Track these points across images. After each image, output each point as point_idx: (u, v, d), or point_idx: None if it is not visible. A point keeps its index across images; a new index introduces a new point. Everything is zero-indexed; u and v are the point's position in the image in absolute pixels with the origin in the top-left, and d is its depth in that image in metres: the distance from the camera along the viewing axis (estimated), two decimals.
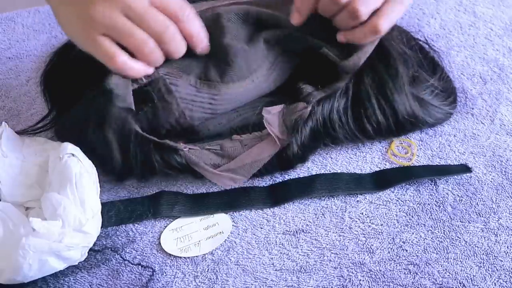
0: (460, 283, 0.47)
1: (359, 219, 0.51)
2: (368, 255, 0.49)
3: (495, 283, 0.47)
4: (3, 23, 0.73)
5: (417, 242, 0.50)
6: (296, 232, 0.51)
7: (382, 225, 0.51)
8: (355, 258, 0.49)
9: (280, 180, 0.54)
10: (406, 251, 0.49)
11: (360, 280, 0.48)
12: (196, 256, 0.50)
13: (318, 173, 0.55)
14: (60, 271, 0.47)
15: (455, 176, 0.54)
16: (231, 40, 0.53)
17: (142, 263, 0.49)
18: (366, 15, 0.50)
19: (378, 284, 0.47)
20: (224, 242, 0.50)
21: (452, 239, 0.50)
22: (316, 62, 0.55)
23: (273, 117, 0.53)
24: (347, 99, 0.54)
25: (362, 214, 0.52)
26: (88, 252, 0.47)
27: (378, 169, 0.55)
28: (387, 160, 0.56)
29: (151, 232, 0.51)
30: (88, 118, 0.52)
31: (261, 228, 0.51)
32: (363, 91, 0.54)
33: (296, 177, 0.55)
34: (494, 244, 0.49)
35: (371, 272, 0.48)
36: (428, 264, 0.48)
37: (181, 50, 0.51)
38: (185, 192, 0.54)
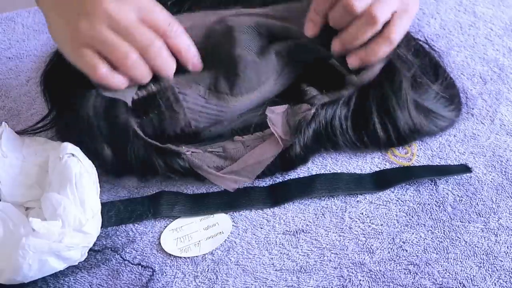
0: (460, 283, 0.47)
1: (359, 219, 0.51)
2: (368, 255, 0.49)
3: (495, 283, 0.47)
4: (3, 23, 0.73)
5: (417, 242, 0.50)
6: (296, 232, 0.51)
7: (382, 225, 0.51)
8: (355, 258, 0.49)
9: (280, 180, 0.54)
10: (406, 251, 0.49)
11: (360, 280, 0.48)
12: (196, 256, 0.50)
13: (318, 173, 0.55)
14: (60, 271, 0.47)
15: (455, 176, 0.54)
16: (242, 52, 0.53)
17: (142, 263, 0.49)
18: (381, 23, 0.50)
19: (378, 284, 0.47)
20: (224, 242, 0.50)
21: (452, 239, 0.50)
22: (322, 68, 0.55)
23: (276, 116, 0.53)
24: (348, 110, 0.54)
25: (362, 214, 0.52)
26: (88, 252, 0.47)
27: (378, 169, 0.55)
28: (387, 160, 0.56)
29: (151, 232, 0.51)
30: (88, 118, 0.52)
31: (261, 228, 0.51)
32: (366, 105, 0.54)
33: (296, 177, 0.55)
34: (494, 244, 0.49)
35: (371, 272, 0.48)
36: (428, 264, 0.48)
37: (168, 66, 0.51)
38: (185, 192, 0.54)
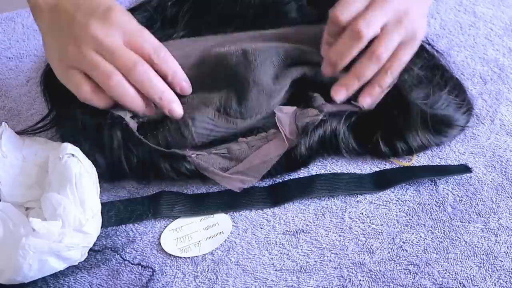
0: (460, 283, 0.47)
1: (359, 219, 0.51)
2: (368, 255, 0.49)
3: (495, 283, 0.47)
4: (3, 23, 0.73)
5: (417, 242, 0.50)
6: (296, 232, 0.51)
7: (382, 225, 0.51)
8: (355, 258, 0.49)
9: (280, 180, 0.54)
10: (406, 251, 0.49)
11: (360, 280, 0.48)
12: (196, 256, 0.50)
13: (318, 173, 0.55)
14: (60, 271, 0.47)
15: (455, 176, 0.54)
16: (257, 77, 0.53)
17: (142, 263, 0.49)
18: (368, 39, 0.51)
19: (378, 284, 0.47)
20: (224, 242, 0.50)
21: (452, 239, 0.50)
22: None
23: (285, 116, 0.53)
24: (349, 125, 0.54)
25: (362, 214, 0.52)
26: (88, 252, 0.47)
27: (378, 169, 0.55)
28: (387, 160, 0.56)
29: (151, 232, 0.51)
30: (89, 118, 0.52)
31: (261, 228, 0.51)
32: (370, 123, 0.54)
33: (296, 177, 0.55)
34: (494, 244, 0.49)
35: (371, 272, 0.48)
36: (428, 264, 0.48)
37: (156, 88, 0.51)
38: (185, 192, 0.54)
